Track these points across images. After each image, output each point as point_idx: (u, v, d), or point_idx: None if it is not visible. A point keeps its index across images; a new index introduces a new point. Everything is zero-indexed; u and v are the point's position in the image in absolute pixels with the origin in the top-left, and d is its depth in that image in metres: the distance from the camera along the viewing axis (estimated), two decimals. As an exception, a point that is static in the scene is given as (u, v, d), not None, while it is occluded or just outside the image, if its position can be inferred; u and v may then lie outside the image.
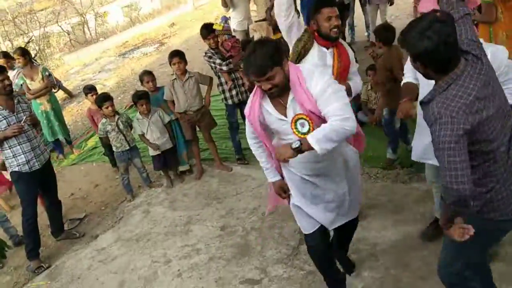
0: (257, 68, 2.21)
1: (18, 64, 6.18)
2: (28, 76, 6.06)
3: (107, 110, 4.81)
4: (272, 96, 2.35)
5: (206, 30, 4.78)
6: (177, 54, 4.76)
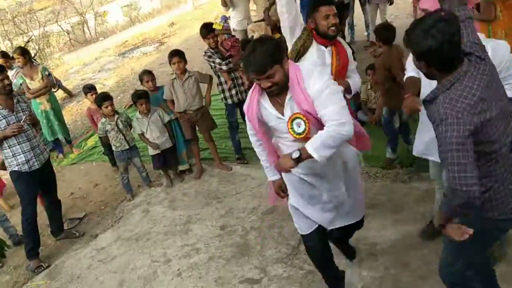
0: (257, 66, 2.20)
1: (17, 64, 6.17)
2: (27, 76, 6.06)
3: (106, 110, 4.81)
4: (271, 95, 2.35)
5: (205, 30, 4.79)
6: (176, 53, 4.76)
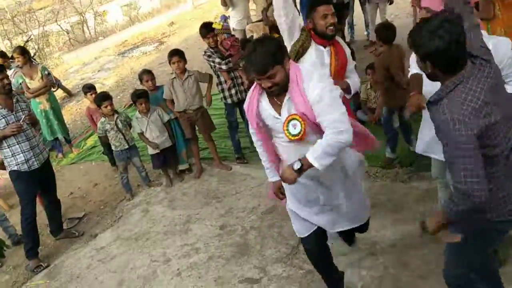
0: (259, 66, 2.19)
1: (17, 63, 6.17)
2: (27, 75, 6.06)
3: (106, 109, 4.81)
4: (271, 94, 2.34)
5: (205, 29, 4.78)
6: (176, 53, 4.75)
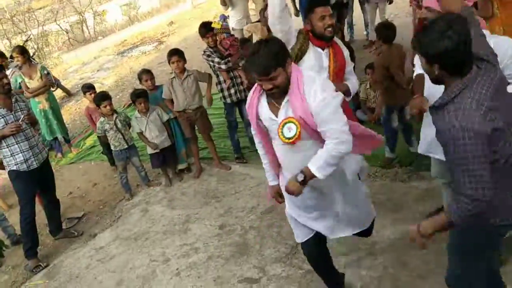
0: (261, 67, 2.18)
1: (15, 63, 6.16)
2: (26, 75, 6.05)
3: (105, 109, 4.81)
4: (272, 96, 2.34)
5: (204, 29, 4.77)
6: (176, 52, 4.75)
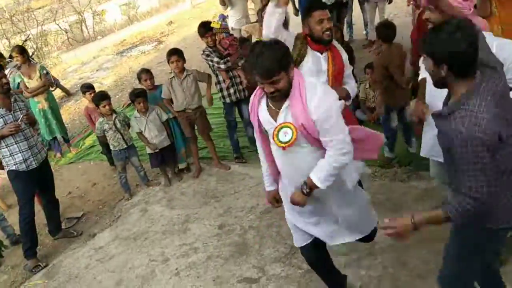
0: (264, 70, 2.16)
1: (14, 63, 6.16)
2: (25, 74, 6.05)
3: (104, 109, 4.80)
4: (272, 100, 2.33)
5: (204, 28, 4.77)
6: (175, 52, 4.75)
